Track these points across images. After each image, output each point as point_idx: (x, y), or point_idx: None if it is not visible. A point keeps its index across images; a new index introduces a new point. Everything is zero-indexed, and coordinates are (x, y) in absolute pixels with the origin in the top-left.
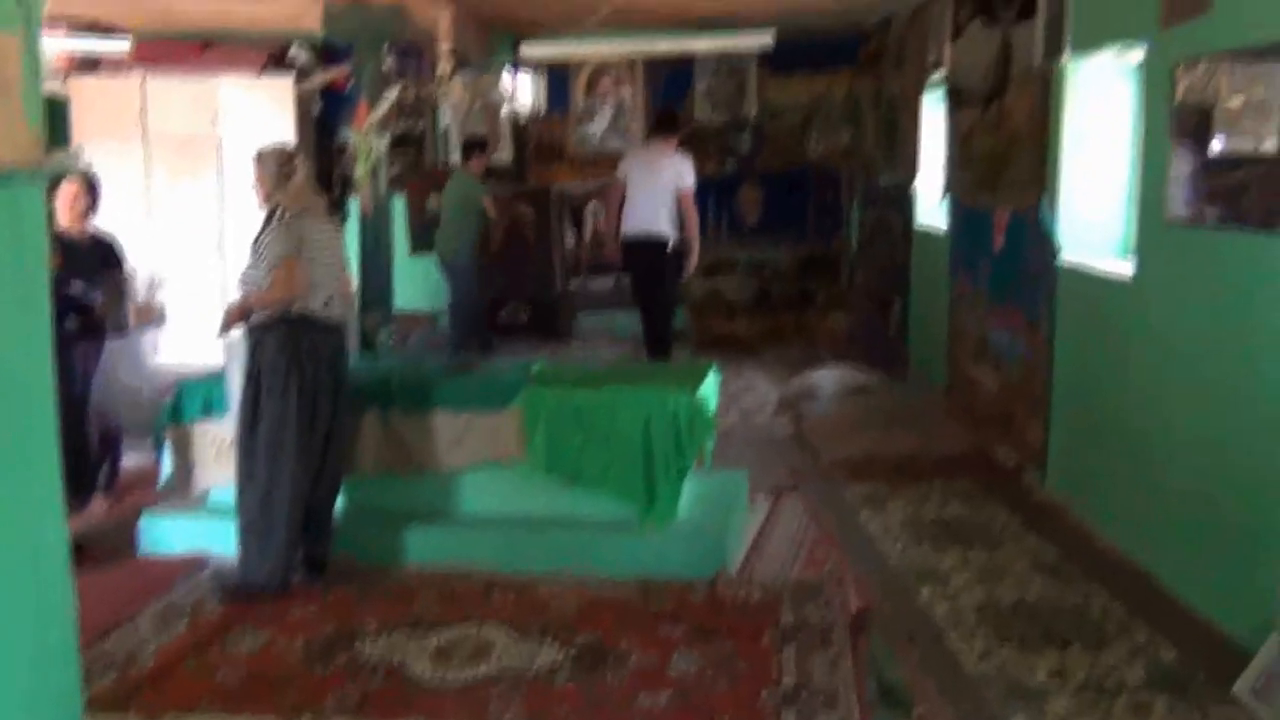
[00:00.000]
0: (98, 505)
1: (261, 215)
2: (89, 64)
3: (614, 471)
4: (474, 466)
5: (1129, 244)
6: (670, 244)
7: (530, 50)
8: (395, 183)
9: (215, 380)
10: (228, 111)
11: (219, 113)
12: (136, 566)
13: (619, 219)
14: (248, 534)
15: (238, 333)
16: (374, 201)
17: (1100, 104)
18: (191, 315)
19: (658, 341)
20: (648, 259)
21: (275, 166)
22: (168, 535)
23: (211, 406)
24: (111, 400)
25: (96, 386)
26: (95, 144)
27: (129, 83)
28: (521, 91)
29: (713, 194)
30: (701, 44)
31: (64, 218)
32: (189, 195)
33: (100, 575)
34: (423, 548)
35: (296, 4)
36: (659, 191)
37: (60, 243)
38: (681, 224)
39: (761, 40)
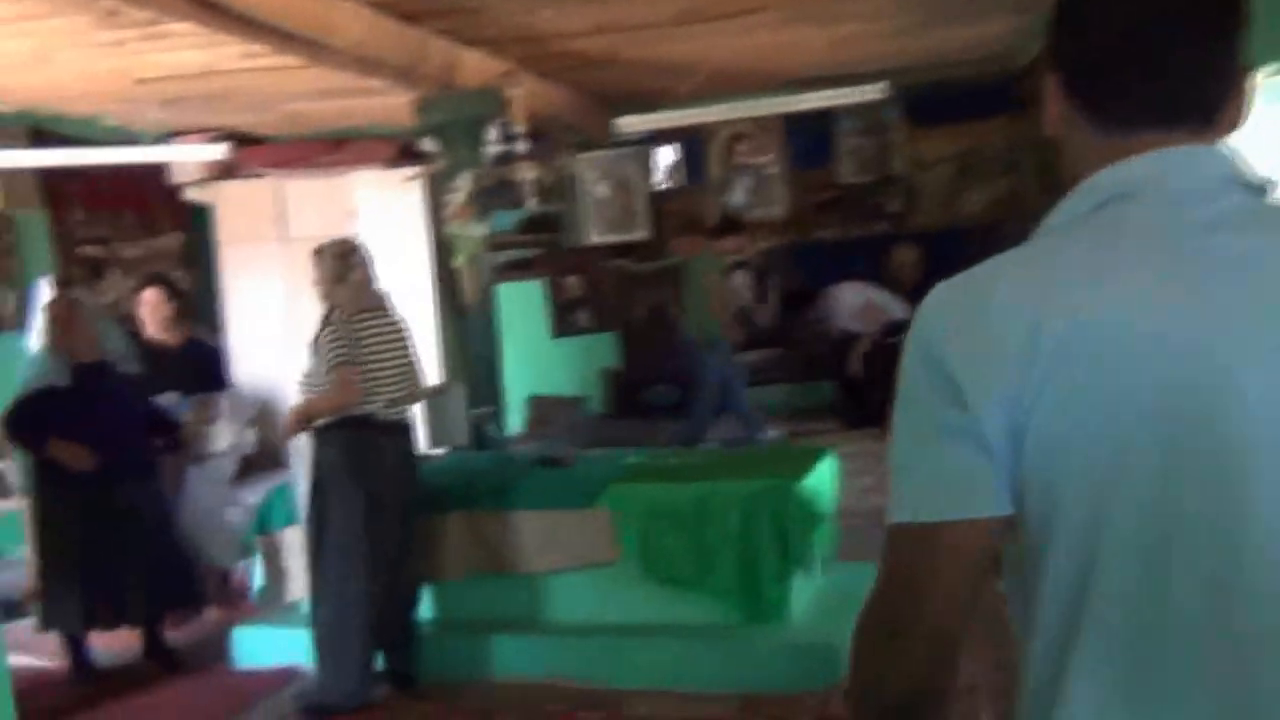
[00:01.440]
0: (211, 615)
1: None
2: (229, 170)
3: (712, 574)
4: (565, 569)
5: None
6: None
7: (627, 123)
8: (531, 266)
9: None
10: (363, 210)
11: (355, 212)
12: (227, 680)
13: None
14: (323, 649)
15: (304, 438)
16: (477, 291)
17: None
18: None
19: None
20: None
21: (332, 263)
22: (260, 648)
23: (297, 514)
24: (195, 527)
25: (182, 510)
26: (237, 249)
27: (267, 186)
28: (662, 164)
29: (863, 257)
30: (806, 102)
31: (150, 325)
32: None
33: (190, 688)
34: (511, 659)
35: (400, 98)
36: None
37: (148, 352)
38: None
39: (873, 94)
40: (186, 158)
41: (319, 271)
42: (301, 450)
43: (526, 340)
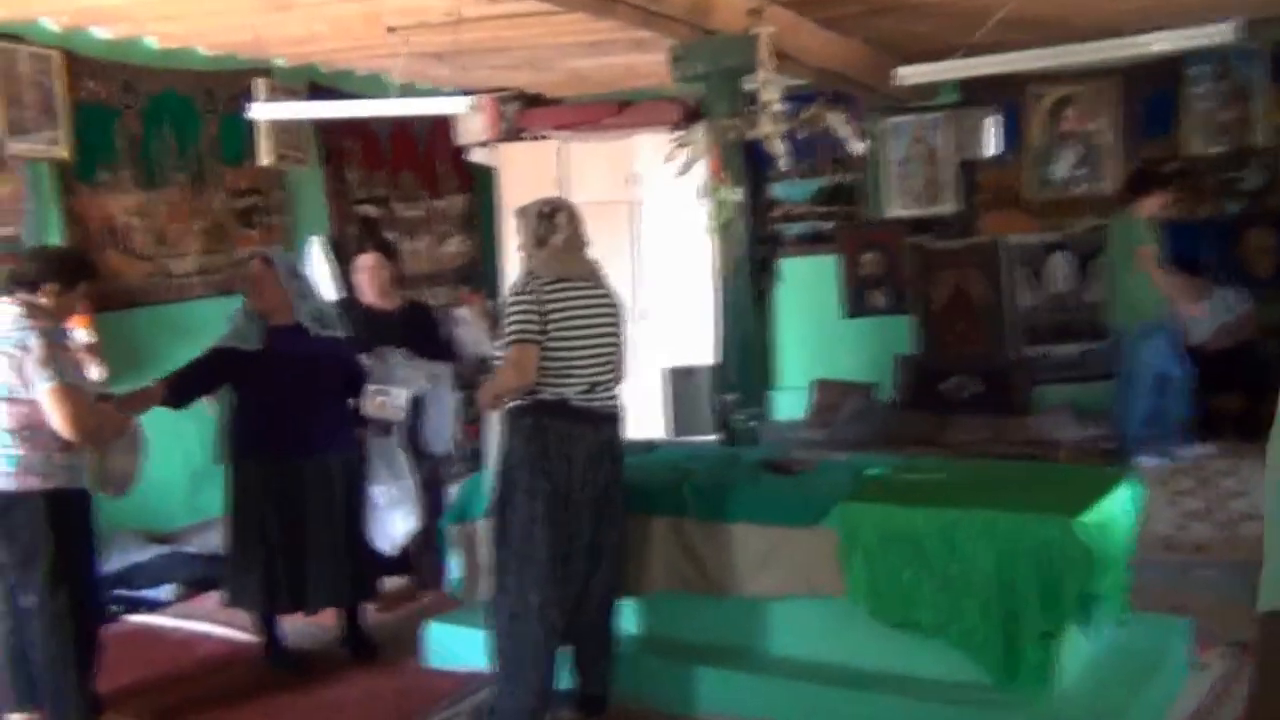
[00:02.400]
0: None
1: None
2: (514, 132)
3: (959, 621)
4: (782, 597)
5: None
6: None
7: (910, 73)
8: (826, 240)
9: None
10: (645, 172)
11: (637, 177)
12: (414, 679)
13: None
14: (499, 660)
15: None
16: (730, 262)
17: None
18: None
19: None
20: None
21: (534, 223)
22: (450, 646)
23: None
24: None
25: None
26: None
27: (550, 149)
28: (985, 132)
29: (1208, 240)
30: (1132, 47)
31: (367, 291)
32: (605, 262)
33: (373, 682)
34: (715, 694)
35: None
36: None
37: (365, 317)
38: None
39: (1224, 36)
40: (434, 110)
41: (520, 233)
42: (493, 434)
43: (816, 319)
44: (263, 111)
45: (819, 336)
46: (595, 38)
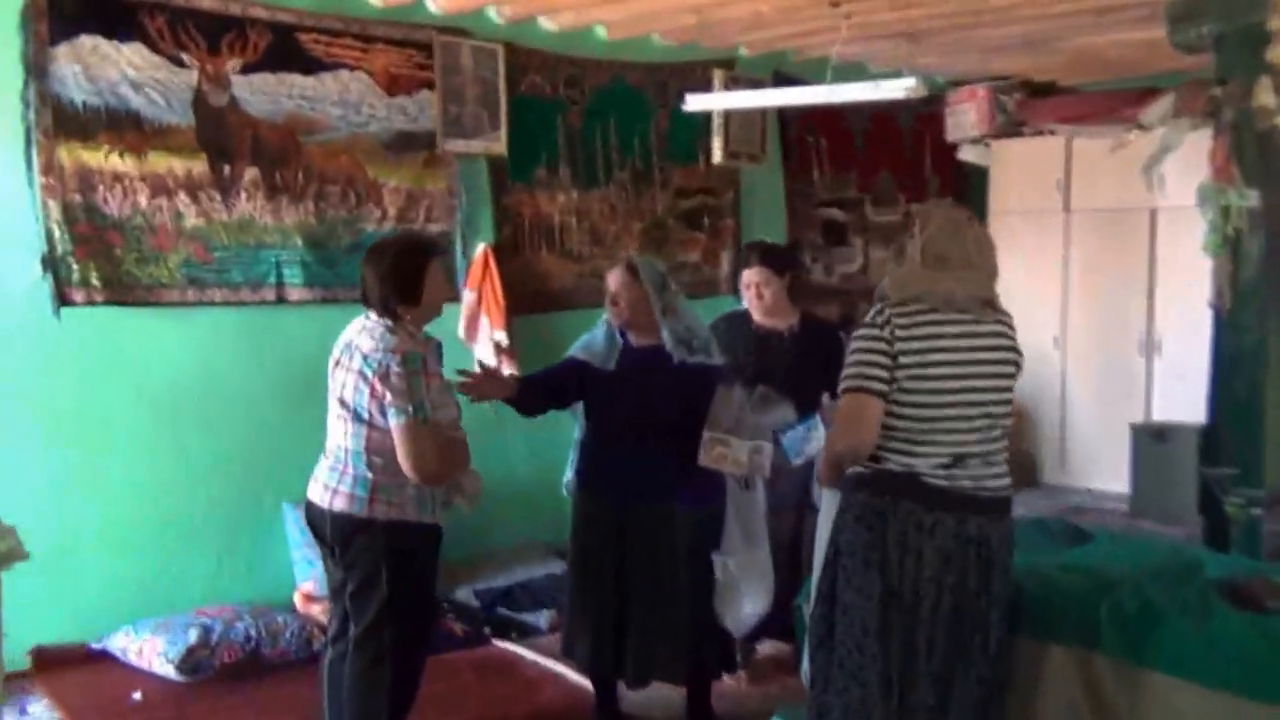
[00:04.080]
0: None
1: None
2: (1012, 126)
3: None
4: None
5: None
6: None
7: None
8: None
9: None
10: (1170, 173)
11: (1159, 175)
12: None
13: None
14: None
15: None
16: (1231, 289)
17: None
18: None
19: None
20: None
21: (911, 234)
22: None
23: None
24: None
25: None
26: (1007, 219)
27: (1053, 147)
28: None
29: None
30: None
31: (754, 309)
32: (1111, 280)
33: None
34: None
35: None
36: None
37: (755, 341)
38: None
39: None
40: (867, 96)
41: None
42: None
43: None
44: (695, 103)
45: None
46: (1085, 5)
